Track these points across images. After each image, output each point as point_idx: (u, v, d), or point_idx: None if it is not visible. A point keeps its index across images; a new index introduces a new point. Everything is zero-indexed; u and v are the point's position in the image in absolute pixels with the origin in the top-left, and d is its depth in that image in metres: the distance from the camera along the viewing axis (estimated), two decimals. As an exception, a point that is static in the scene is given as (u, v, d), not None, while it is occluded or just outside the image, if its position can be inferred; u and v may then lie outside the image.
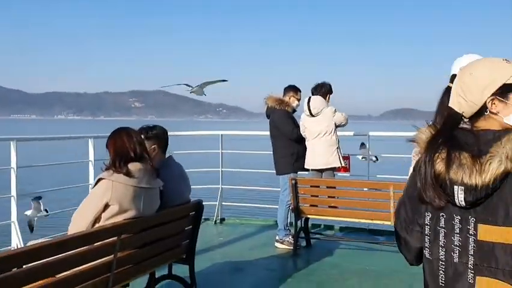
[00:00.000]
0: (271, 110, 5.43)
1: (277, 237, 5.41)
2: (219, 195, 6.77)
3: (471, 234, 1.26)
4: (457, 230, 1.28)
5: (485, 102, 1.33)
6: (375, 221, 5.06)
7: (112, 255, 2.60)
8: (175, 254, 3.31)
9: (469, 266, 1.26)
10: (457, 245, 1.28)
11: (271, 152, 5.52)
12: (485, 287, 1.24)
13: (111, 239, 2.60)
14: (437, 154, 1.29)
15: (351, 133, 6.62)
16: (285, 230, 5.38)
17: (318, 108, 5.27)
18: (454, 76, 1.51)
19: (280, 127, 5.34)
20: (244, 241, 5.71)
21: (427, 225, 1.34)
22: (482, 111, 1.34)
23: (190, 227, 3.39)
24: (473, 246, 1.25)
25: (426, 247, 1.35)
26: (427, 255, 1.35)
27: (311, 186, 5.35)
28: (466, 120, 1.38)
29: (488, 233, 1.23)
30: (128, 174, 2.69)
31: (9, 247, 4.34)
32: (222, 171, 6.87)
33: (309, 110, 5.29)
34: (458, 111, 1.36)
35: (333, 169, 5.41)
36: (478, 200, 1.23)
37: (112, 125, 3.42)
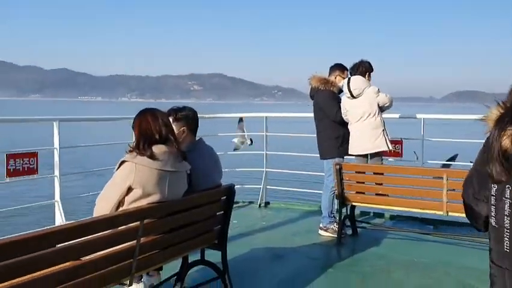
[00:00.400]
0: (316, 90, 5.15)
1: (321, 225, 5.18)
2: (264, 179, 6.62)
3: None
4: None
5: None
6: (425, 211, 4.69)
7: (135, 241, 2.51)
8: (206, 240, 3.19)
9: None
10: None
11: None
12: None
13: (134, 224, 2.50)
14: (504, 131, 1.36)
15: (398, 115, 6.20)
16: (330, 217, 5.14)
17: (359, 88, 4.93)
18: None
19: (324, 108, 5.06)
20: (287, 226, 5.53)
21: (493, 196, 1.43)
22: None
23: (222, 212, 3.24)
24: None
25: (492, 216, 1.44)
26: (493, 223, 1.44)
27: (357, 172, 5.05)
28: None
29: None
30: (152, 156, 2.57)
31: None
32: (266, 154, 6.70)
33: (350, 91, 4.95)
34: None
35: (380, 154, 5.06)
36: None
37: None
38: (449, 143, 7.00)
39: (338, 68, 5.18)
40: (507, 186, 1.40)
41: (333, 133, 5.05)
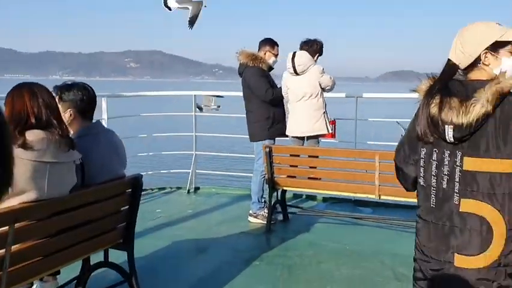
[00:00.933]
0: (244, 67, 4.75)
1: (250, 211, 4.85)
2: (193, 162, 6.18)
3: (457, 165, 1.59)
4: (446, 162, 1.61)
5: (480, 55, 1.64)
6: (358, 195, 4.49)
7: (3, 250, 2.01)
8: (108, 240, 2.73)
9: (455, 190, 1.60)
10: (446, 174, 1.62)
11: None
12: (467, 206, 1.59)
13: (1, 229, 2.00)
14: (432, 99, 1.60)
15: (343, 95, 5.98)
16: (260, 203, 4.82)
17: (304, 65, 4.59)
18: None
19: (252, 87, 4.67)
20: (215, 214, 5.16)
21: (422, 158, 1.67)
22: (476, 63, 1.65)
23: (127, 207, 2.79)
24: (459, 175, 1.59)
25: (421, 176, 1.69)
26: (421, 183, 1.69)
27: (290, 155, 4.75)
28: (460, 72, 1.68)
29: (472, 164, 1.57)
30: (24, 145, 2.07)
31: None
32: (195, 136, 6.25)
33: (294, 67, 4.60)
34: (456, 62, 1.67)
35: (318, 136, 4.79)
36: (464, 136, 1.56)
37: (107, 86, 2.75)
38: (383, 123, 6.89)
39: (268, 43, 4.79)
40: (434, 149, 1.65)
41: (263, 113, 4.69)
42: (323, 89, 4.70)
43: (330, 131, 4.91)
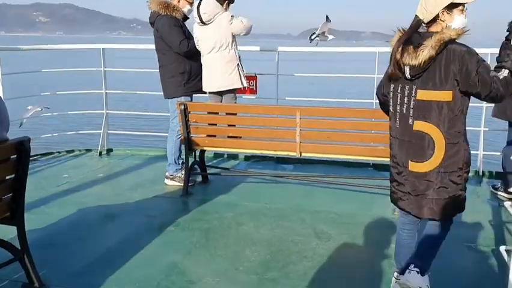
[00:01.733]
0: (155, 16, 4.31)
1: (167, 173, 4.56)
2: (104, 122, 5.69)
3: (412, 96, 2.24)
4: (406, 94, 2.26)
5: (438, 13, 2.20)
6: (279, 152, 4.35)
7: None
8: (-10, 215, 2.33)
9: (410, 114, 2.26)
10: (405, 102, 2.27)
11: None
12: (418, 126, 2.24)
13: None
14: (398, 48, 2.22)
15: (257, 48, 5.72)
16: (176, 165, 4.53)
17: (210, 13, 4.19)
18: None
19: (165, 38, 4.26)
20: (128, 177, 4.81)
21: (391, 92, 2.34)
22: (435, 19, 2.23)
23: (13, 176, 2.39)
24: (413, 103, 2.24)
25: (391, 105, 2.36)
26: (391, 110, 2.36)
27: (208, 112, 4.47)
28: (424, 26, 2.26)
29: (422, 95, 2.21)
30: None
31: None
32: (105, 93, 5.72)
33: (199, 15, 4.22)
34: (421, 18, 2.24)
35: (234, 91, 4.51)
36: (417, 74, 2.20)
37: (15, 41, 2.18)
38: (307, 78, 6.78)
39: (181, -11, 4.35)
40: (399, 84, 2.28)
41: (177, 68, 4.32)
42: (236, 35, 4.32)
43: (246, 85, 4.64)
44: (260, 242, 3.27)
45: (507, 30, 4.00)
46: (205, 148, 4.44)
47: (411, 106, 2.23)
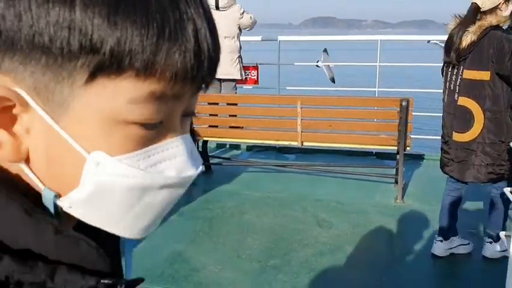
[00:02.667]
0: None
1: (170, 163, 4.59)
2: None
3: (460, 75, 2.65)
4: (455, 73, 2.67)
5: (500, 2, 2.53)
6: (280, 142, 4.37)
7: None
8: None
9: (456, 91, 2.67)
10: (453, 80, 2.69)
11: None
12: (461, 101, 2.65)
13: None
14: (453, 35, 2.64)
15: (263, 38, 5.72)
16: (179, 155, 4.56)
17: (226, 0, 4.31)
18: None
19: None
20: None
21: (445, 70, 2.77)
22: (495, 8, 2.54)
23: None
24: (459, 81, 2.65)
25: (443, 82, 2.78)
26: (443, 87, 2.79)
27: (209, 103, 4.49)
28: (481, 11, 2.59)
29: (467, 74, 2.60)
30: None
31: None
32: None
33: (216, 0, 4.30)
34: (480, 5, 2.55)
35: (233, 81, 4.54)
36: (462, 57, 2.60)
37: None
38: (309, 67, 6.77)
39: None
40: (450, 66, 2.70)
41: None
42: (242, 29, 4.49)
43: (243, 78, 4.70)
44: (262, 230, 3.31)
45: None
46: (207, 138, 4.47)
47: (458, 84, 2.64)
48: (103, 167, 0.38)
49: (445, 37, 2.73)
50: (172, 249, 3.01)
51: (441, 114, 2.85)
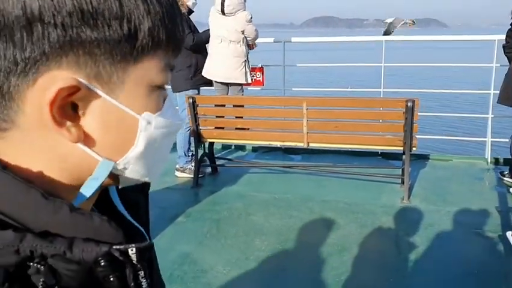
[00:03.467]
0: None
1: (177, 165, 4.62)
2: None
3: None
4: None
5: None
6: (286, 143, 4.39)
7: None
8: None
9: None
10: None
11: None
12: None
13: None
14: None
15: (268, 40, 5.73)
16: (186, 157, 4.59)
17: (234, 6, 4.30)
18: None
19: (172, 32, 4.31)
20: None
21: None
22: None
23: None
24: None
25: None
26: None
27: (216, 105, 4.52)
28: None
29: None
30: None
31: None
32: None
33: (222, 5, 4.29)
34: None
35: (240, 84, 4.57)
36: None
37: None
38: (313, 68, 6.79)
39: (187, -17, 4.39)
40: None
41: (184, 62, 4.37)
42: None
43: (250, 82, 4.72)
44: (269, 231, 3.33)
45: None
46: (213, 140, 4.50)
47: None
48: (151, 124, 0.48)
49: (449, 37, 2.64)
50: (180, 250, 3.04)
51: (446, 114, 2.79)
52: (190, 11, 4.43)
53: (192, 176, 4.41)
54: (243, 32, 4.36)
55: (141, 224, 0.59)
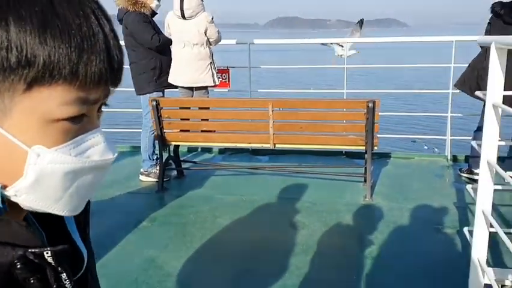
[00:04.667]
0: (123, 12, 4.29)
1: (142, 169, 4.57)
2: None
3: None
4: None
5: None
6: (253, 144, 4.41)
7: None
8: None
9: None
10: None
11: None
12: None
13: None
14: None
15: (233, 41, 5.73)
16: (151, 160, 4.54)
17: (193, 9, 4.27)
18: None
19: (135, 34, 4.25)
20: (104, 175, 4.78)
21: None
22: None
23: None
24: None
25: None
26: None
27: (180, 108, 4.49)
28: None
29: None
30: None
31: None
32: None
33: (182, 10, 4.26)
34: None
35: (205, 87, 4.56)
36: None
37: None
38: (278, 70, 6.84)
39: (149, -15, 4.34)
40: None
41: (148, 64, 4.32)
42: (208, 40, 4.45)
43: (217, 83, 4.71)
44: (236, 233, 3.34)
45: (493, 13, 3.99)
46: (178, 143, 4.47)
47: None
48: (42, 158, 0.46)
49: (410, 38, 2.60)
50: (145, 255, 3.01)
51: (407, 113, 2.85)
52: (154, 13, 4.39)
53: (157, 180, 4.37)
54: (205, 34, 4.35)
55: (80, 233, 0.62)
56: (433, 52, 12.05)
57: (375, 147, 3.89)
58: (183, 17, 4.30)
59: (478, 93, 2.82)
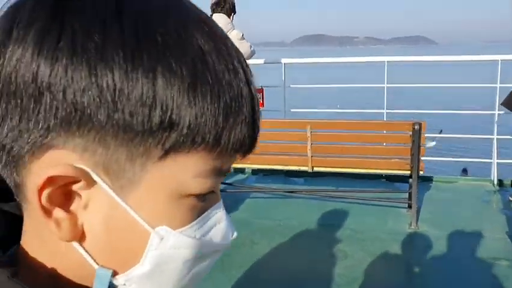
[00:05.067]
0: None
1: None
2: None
3: None
4: None
5: None
6: (290, 167, 4.28)
7: None
8: None
9: None
10: None
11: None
12: None
13: None
14: None
15: (262, 61, 5.67)
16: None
17: (223, 28, 4.22)
18: None
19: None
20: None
21: None
22: None
23: None
24: None
25: None
26: None
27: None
28: None
29: None
30: None
31: None
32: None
33: None
34: None
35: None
36: None
37: None
38: (312, 89, 6.74)
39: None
40: None
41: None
42: None
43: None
44: (275, 261, 3.20)
45: None
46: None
47: None
48: (165, 241, 0.38)
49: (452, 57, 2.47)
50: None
51: (450, 135, 2.69)
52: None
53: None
54: None
55: None
56: (471, 72, 11.70)
57: (421, 172, 3.71)
58: None
59: None
